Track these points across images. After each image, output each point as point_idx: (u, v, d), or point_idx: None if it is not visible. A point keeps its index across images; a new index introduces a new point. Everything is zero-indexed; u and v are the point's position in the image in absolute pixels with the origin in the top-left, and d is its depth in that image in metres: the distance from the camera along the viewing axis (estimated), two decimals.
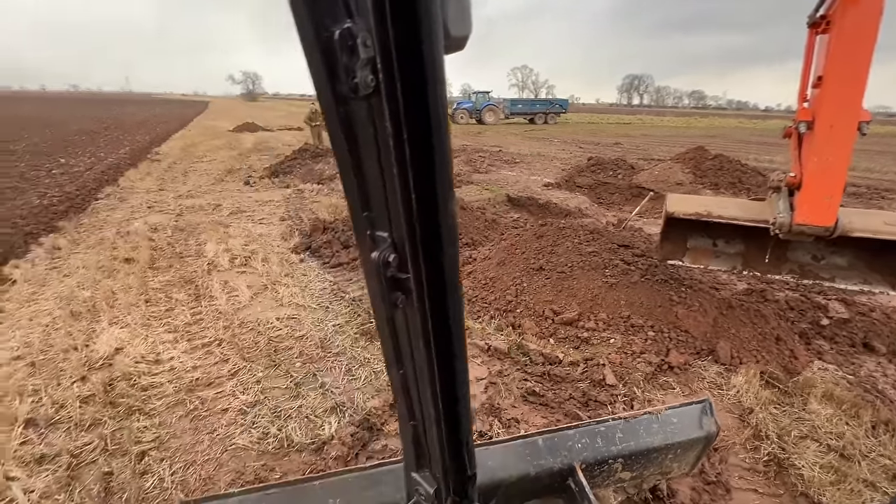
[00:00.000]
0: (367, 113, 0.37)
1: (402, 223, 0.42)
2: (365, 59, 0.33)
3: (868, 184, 10.87)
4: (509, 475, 1.61)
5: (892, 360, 3.44)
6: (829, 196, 2.65)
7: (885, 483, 2.29)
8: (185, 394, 2.88)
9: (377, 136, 0.38)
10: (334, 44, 0.33)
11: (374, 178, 0.41)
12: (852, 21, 2.48)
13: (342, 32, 0.32)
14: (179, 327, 3.66)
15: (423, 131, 0.40)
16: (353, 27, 0.32)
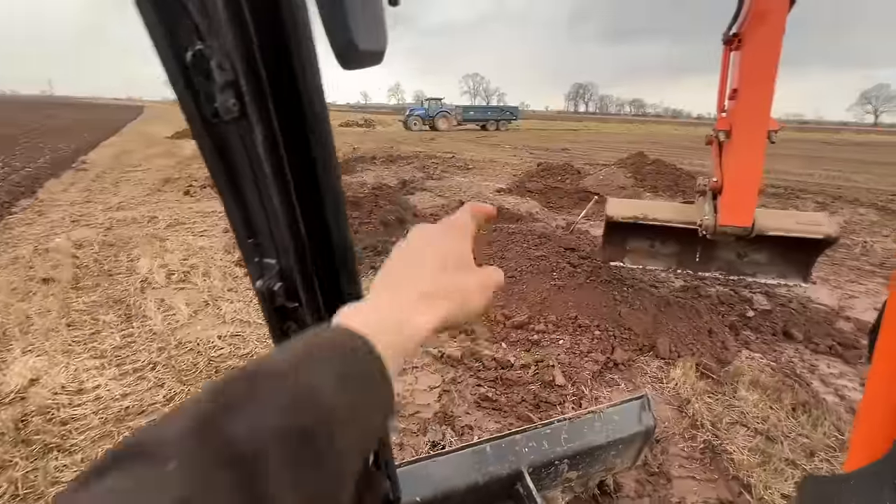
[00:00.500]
0: (238, 138, 0.35)
1: (290, 251, 0.40)
2: (223, 82, 0.31)
3: (785, 185, 11.98)
4: (457, 487, 1.61)
5: (807, 346, 3.78)
6: (746, 199, 2.88)
7: (803, 460, 2.50)
8: (113, 425, 2.65)
9: (252, 163, 0.36)
10: (189, 67, 0.31)
11: (255, 205, 0.39)
12: (760, 38, 2.72)
13: (195, 54, 0.30)
14: (107, 352, 3.37)
15: (303, 156, 0.38)
16: (204, 49, 0.30)
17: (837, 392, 3.18)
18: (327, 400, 0.28)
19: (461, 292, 0.41)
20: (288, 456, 0.26)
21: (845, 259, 6.10)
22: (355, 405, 0.30)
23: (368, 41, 0.52)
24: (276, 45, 0.33)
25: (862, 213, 8.92)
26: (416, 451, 2.52)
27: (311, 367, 0.30)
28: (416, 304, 0.38)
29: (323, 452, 0.27)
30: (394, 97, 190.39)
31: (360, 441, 0.31)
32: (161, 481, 0.23)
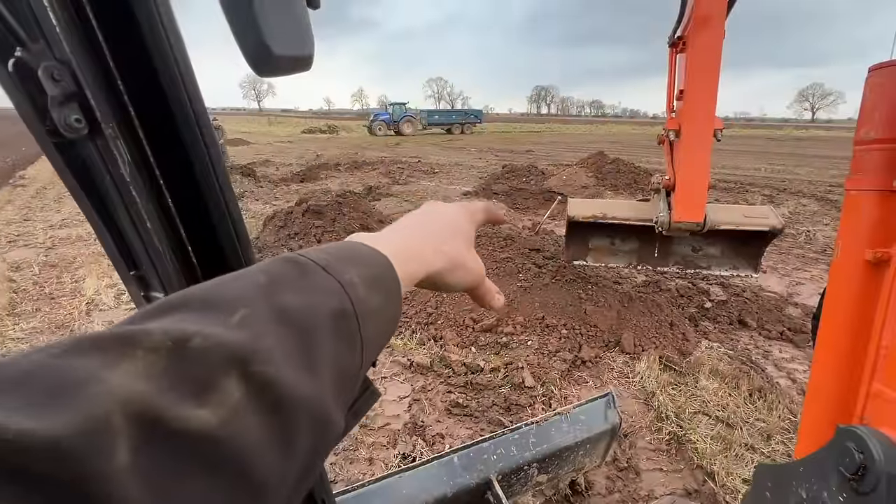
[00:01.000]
0: (96, 157, 0.30)
1: (178, 282, 0.35)
2: (59, 95, 0.26)
3: (735, 179, 12.63)
4: (425, 501, 1.57)
5: (761, 333, 3.97)
6: (697, 195, 3.00)
7: (761, 444, 2.60)
8: None
9: (117, 185, 0.31)
10: (13, 77, 0.26)
11: (131, 233, 0.34)
12: (702, 41, 2.84)
13: (16, 63, 0.25)
14: None
15: (184, 171, 0.33)
16: (26, 57, 0.25)
17: (790, 376, 3.34)
18: (362, 293, 0.33)
19: (459, 257, 0.47)
20: (331, 330, 0.30)
21: (791, 248, 6.47)
22: (378, 305, 0.35)
23: (287, 46, 0.48)
24: (134, 46, 0.28)
25: (804, 203, 9.50)
26: (386, 465, 2.45)
27: (349, 266, 0.34)
28: (422, 247, 0.44)
29: (354, 334, 0.32)
30: (357, 102, 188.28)
31: (378, 336, 0.36)
32: (228, 323, 0.25)
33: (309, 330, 0.28)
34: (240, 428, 0.22)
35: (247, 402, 0.23)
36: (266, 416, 0.24)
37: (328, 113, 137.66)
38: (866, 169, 1.08)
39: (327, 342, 0.29)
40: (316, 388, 0.27)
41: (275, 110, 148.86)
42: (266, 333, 0.26)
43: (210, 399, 0.22)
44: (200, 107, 0.33)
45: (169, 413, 0.20)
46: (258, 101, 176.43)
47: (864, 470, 0.84)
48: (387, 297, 0.36)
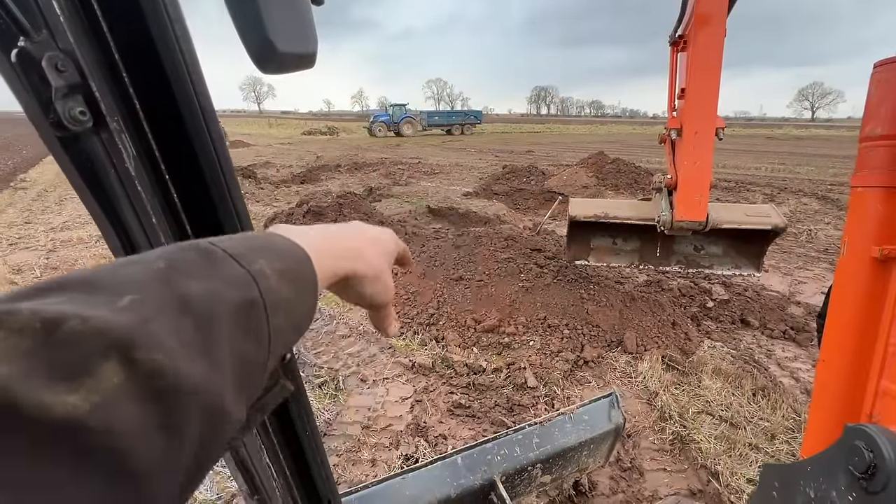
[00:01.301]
0: (101, 151, 0.30)
1: None
2: (64, 86, 0.25)
3: (736, 179, 12.62)
4: (429, 502, 1.56)
5: (763, 332, 3.96)
6: (699, 194, 2.99)
7: (765, 444, 2.59)
8: None
9: (122, 179, 0.31)
10: (16, 69, 0.25)
11: (135, 228, 0.33)
12: (703, 40, 2.83)
13: (19, 53, 0.25)
14: None
15: (190, 166, 0.33)
16: (30, 47, 0.25)
17: (793, 375, 3.33)
18: (273, 283, 0.32)
19: (380, 270, 0.47)
20: (234, 320, 0.29)
21: (793, 247, 6.45)
22: (290, 296, 0.34)
23: (291, 43, 0.47)
24: (138, 37, 0.28)
25: (805, 202, 9.49)
26: (389, 467, 2.44)
27: (260, 255, 0.33)
28: (346, 247, 0.44)
29: (262, 325, 0.31)
30: (357, 104, 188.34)
31: (289, 329, 0.35)
32: (112, 307, 0.23)
33: (208, 318, 0.27)
34: (115, 416, 0.21)
35: (125, 389, 0.22)
36: (148, 405, 0.22)
37: (328, 114, 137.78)
38: (872, 166, 1.07)
39: (228, 332, 0.28)
40: (212, 378, 0.26)
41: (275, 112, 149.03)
42: (156, 319, 0.24)
43: (83, 384, 0.20)
44: (207, 101, 0.32)
45: (29, 399, 0.18)
46: (258, 103, 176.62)
47: (874, 469, 0.83)
48: (301, 289, 0.36)
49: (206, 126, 0.33)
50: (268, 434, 0.48)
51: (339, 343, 3.76)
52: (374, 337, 3.80)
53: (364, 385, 3.19)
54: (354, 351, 3.62)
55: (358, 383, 3.22)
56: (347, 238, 0.46)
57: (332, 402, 2.97)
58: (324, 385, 3.12)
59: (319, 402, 2.91)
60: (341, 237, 0.45)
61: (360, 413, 2.88)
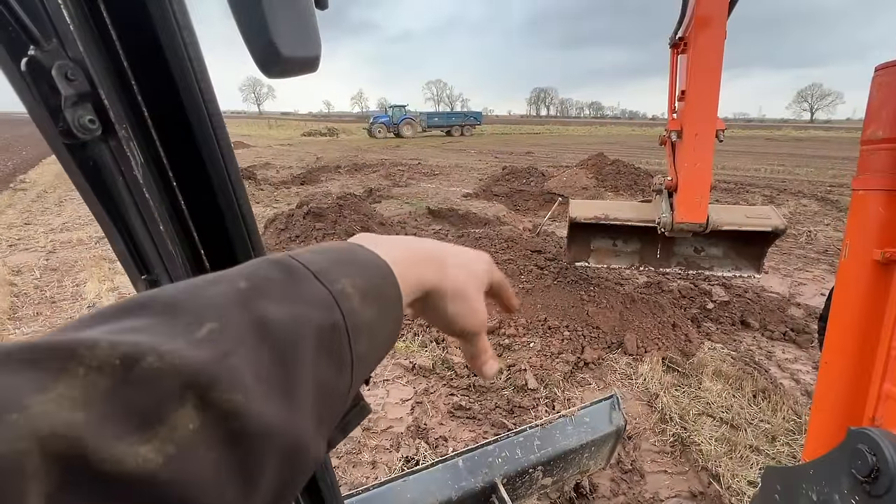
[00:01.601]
0: (109, 158, 0.30)
1: None
2: (72, 95, 0.25)
3: (735, 180, 12.63)
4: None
5: (763, 334, 3.96)
6: (699, 196, 2.99)
7: (766, 446, 2.59)
8: None
9: (130, 187, 0.31)
10: (26, 77, 0.25)
11: (143, 235, 0.33)
12: (703, 42, 2.84)
13: (29, 62, 0.25)
14: None
15: (198, 173, 0.33)
16: (39, 56, 0.25)
17: (793, 376, 3.33)
18: (355, 305, 0.30)
19: (466, 287, 0.43)
20: (316, 348, 0.27)
21: (793, 248, 6.46)
22: (373, 319, 0.32)
23: (295, 47, 0.48)
24: (147, 45, 0.28)
25: (805, 204, 9.50)
26: (390, 469, 2.44)
27: (343, 272, 0.31)
28: (430, 257, 0.41)
29: (344, 351, 0.29)
30: (357, 105, 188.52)
31: (372, 352, 0.33)
32: (191, 338, 0.22)
33: (289, 347, 0.25)
34: (190, 466, 0.19)
35: (202, 436, 0.20)
36: (225, 451, 0.21)
37: (328, 116, 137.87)
38: (874, 168, 1.07)
39: (310, 361, 0.26)
40: (291, 415, 0.24)
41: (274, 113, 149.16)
42: (236, 352, 0.22)
43: (157, 433, 0.19)
44: (214, 107, 0.32)
45: (101, 451, 0.17)
46: (258, 105, 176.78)
47: (877, 472, 0.83)
48: (384, 309, 0.33)
49: (214, 133, 0.33)
50: None
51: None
52: None
53: (364, 386, 3.18)
54: None
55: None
56: (431, 249, 0.42)
57: None
58: None
59: None
60: (424, 248, 0.42)
61: None
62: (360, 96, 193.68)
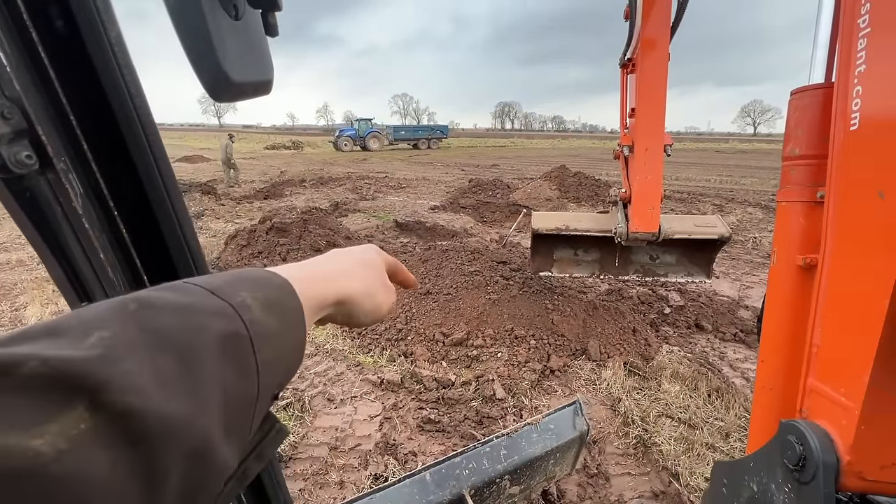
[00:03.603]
0: (47, 192, 0.31)
1: None
2: (9, 133, 0.26)
3: (688, 190, 13.35)
4: None
5: (716, 336, 4.18)
6: (651, 207, 3.16)
7: (721, 443, 2.72)
8: None
9: (69, 219, 0.31)
10: None
11: (84, 266, 0.33)
12: (649, 63, 3.03)
13: None
14: None
15: (140, 202, 0.34)
16: None
17: (744, 375, 3.53)
18: (257, 316, 0.31)
19: (371, 284, 0.47)
20: (218, 354, 0.27)
21: (741, 254, 6.87)
22: (277, 328, 0.33)
23: (246, 72, 0.49)
24: (86, 81, 0.29)
25: (750, 212, 10.15)
26: (358, 488, 2.39)
27: (240, 288, 0.32)
28: (330, 271, 0.44)
29: (248, 358, 0.29)
30: (322, 118, 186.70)
31: (279, 361, 0.33)
32: (78, 346, 0.22)
33: (189, 353, 0.25)
34: (84, 465, 0.19)
35: (96, 434, 0.20)
36: (123, 451, 0.21)
37: (292, 129, 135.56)
38: (793, 182, 1.18)
39: (213, 366, 0.26)
40: (196, 416, 0.24)
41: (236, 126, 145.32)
42: (128, 357, 0.22)
43: (46, 430, 0.19)
44: (156, 138, 0.34)
45: None
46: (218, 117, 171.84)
47: (804, 461, 0.90)
48: (286, 320, 0.34)
49: (155, 162, 0.34)
50: None
51: (305, 362, 3.67)
52: (340, 355, 3.74)
53: (331, 404, 3.13)
54: (321, 370, 3.54)
55: (325, 403, 3.14)
56: (326, 262, 0.45)
57: (298, 423, 2.89)
58: (289, 407, 3.03)
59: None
60: (320, 263, 0.44)
61: (327, 434, 2.81)
62: (326, 109, 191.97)
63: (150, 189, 0.34)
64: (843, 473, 0.86)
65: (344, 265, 0.46)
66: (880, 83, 0.84)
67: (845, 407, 0.88)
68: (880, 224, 0.82)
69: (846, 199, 0.93)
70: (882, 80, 0.84)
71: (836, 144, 0.98)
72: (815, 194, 1.12)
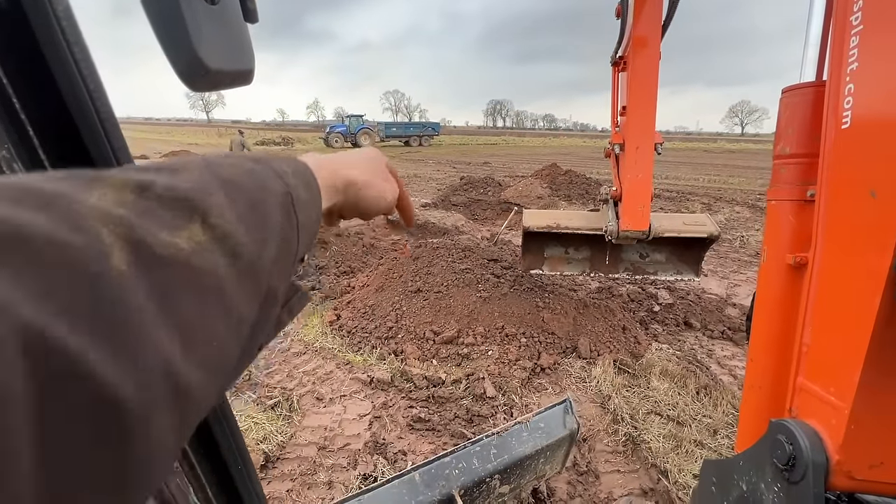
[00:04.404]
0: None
1: None
2: None
3: (678, 189, 13.48)
4: None
5: (704, 333, 4.22)
6: (641, 205, 3.17)
7: (709, 440, 2.74)
8: None
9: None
10: None
11: None
12: (640, 61, 3.03)
13: None
14: None
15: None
16: None
17: (731, 372, 3.56)
18: (292, 182, 0.36)
19: (373, 176, 0.53)
20: (278, 205, 0.32)
21: (728, 252, 6.95)
22: (307, 199, 0.37)
23: (224, 60, 0.46)
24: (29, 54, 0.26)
25: (738, 211, 10.28)
26: (347, 488, 2.37)
27: (276, 161, 0.37)
28: (340, 164, 0.50)
29: (293, 215, 0.34)
30: (313, 114, 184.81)
31: (307, 230, 0.37)
32: (180, 179, 0.26)
33: (259, 201, 0.30)
34: (211, 263, 0.24)
35: (211, 246, 0.24)
36: (230, 260, 0.25)
37: (282, 125, 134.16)
38: (784, 181, 1.18)
39: (274, 216, 0.31)
40: (264, 250, 0.29)
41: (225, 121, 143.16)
42: (216, 193, 0.27)
43: (181, 234, 0.23)
44: (110, 121, 0.31)
45: (150, 237, 0.21)
46: (206, 112, 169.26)
47: (794, 460, 0.90)
48: (311, 192, 0.39)
49: (110, 145, 0.31)
50: (193, 470, 0.45)
51: (293, 361, 3.62)
52: (330, 353, 3.70)
53: (320, 403, 3.09)
54: (310, 369, 3.50)
55: (314, 402, 3.11)
56: (333, 156, 0.51)
57: (286, 423, 2.85)
58: (277, 406, 2.99)
59: (272, 425, 2.78)
60: (327, 157, 0.50)
61: (315, 433, 2.78)
62: (317, 105, 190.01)
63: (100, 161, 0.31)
64: (832, 473, 0.85)
65: (348, 158, 0.52)
66: (873, 81, 0.84)
67: (835, 406, 0.88)
68: (872, 223, 0.81)
69: (837, 198, 0.92)
70: (875, 78, 0.83)
71: (827, 143, 0.97)
72: (806, 193, 1.12)
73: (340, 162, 0.50)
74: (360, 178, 0.50)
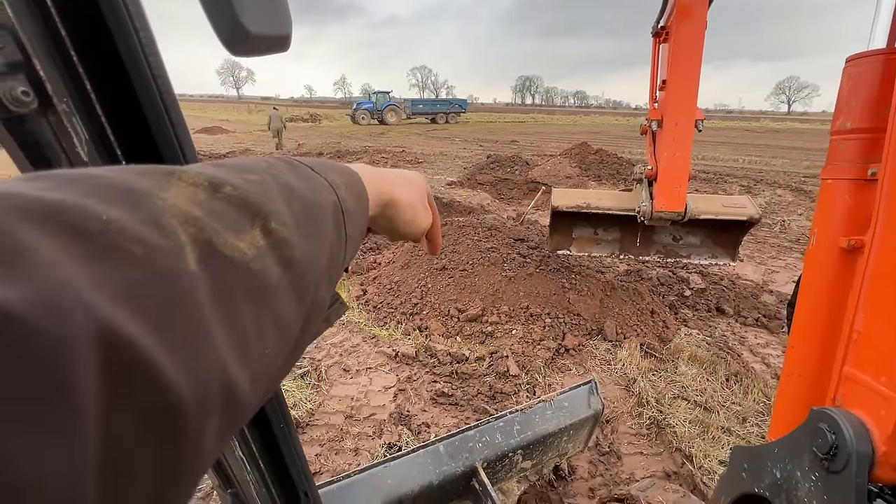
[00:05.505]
0: (50, 135, 0.28)
1: None
2: (2, 64, 0.24)
3: (714, 170, 12.88)
4: (411, 489, 1.57)
5: (737, 320, 4.08)
6: (678, 185, 3.04)
7: (737, 427, 2.69)
8: None
9: (74, 167, 0.29)
10: None
11: None
12: (684, 31, 2.85)
13: None
14: None
15: (150, 153, 0.31)
16: None
17: (764, 360, 3.45)
18: (343, 194, 0.36)
19: (414, 200, 0.53)
20: (331, 216, 0.33)
21: (767, 237, 6.65)
22: (355, 210, 0.38)
23: (263, 24, 0.46)
24: (87, 10, 0.26)
25: (780, 194, 9.76)
26: (373, 456, 2.46)
27: (330, 171, 0.37)
28: (386, 177, 0.50)
29: (342, 227, 0.34)
30: (340, 91, 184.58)
31: (355, 238, 0.38)
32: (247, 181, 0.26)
33: (315, 210, 0.31)
34: (266, 268, 0.24)
35: (268, 252, 0.25)
36: (283, 269, 0.26)
37: (310, 101, 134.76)
38: (842, 158, 1.10)
39: (327, 226, 0.32)
40: (317, 259, 0.30)
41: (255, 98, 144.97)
42: (276, 199, 0.27)
43: (244, 237, 0.23)
44: (165, 82, 0.31)
45: (218, 238, 0.22)
46: (237, 89, 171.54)
47: (836, 449, 0.87)
48: (360, 204, 0.40)
49: (166, 109, 0.31)
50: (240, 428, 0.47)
51: (322, 333, 3.73)
52: (356, 327, 3.79)
53: (347, 375, 3.19)
54: (337, 341, 3.61)
55: (341, 373, 3.21)
56: (382, 170, 0.51)
57: (315, 392, 2.96)
58: (306, 375, 3.11)
59: (301, 392, 2.89)
60: (377, 169, 0.51)
61: (342, 403, 2.88)
62: (344, 81, 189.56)
63: (161, 140, 0.32)
64: (878, 464, 0.82)
65: (395, 177, 0.52)
66: None
67: (885, 397, 0.83)
68: None
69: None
70: None
71: (895, 116, 0.90)
72: (867, 171, 1.04)
73: (387, 179, 0.50)
74: (403, 200, 0.50)
